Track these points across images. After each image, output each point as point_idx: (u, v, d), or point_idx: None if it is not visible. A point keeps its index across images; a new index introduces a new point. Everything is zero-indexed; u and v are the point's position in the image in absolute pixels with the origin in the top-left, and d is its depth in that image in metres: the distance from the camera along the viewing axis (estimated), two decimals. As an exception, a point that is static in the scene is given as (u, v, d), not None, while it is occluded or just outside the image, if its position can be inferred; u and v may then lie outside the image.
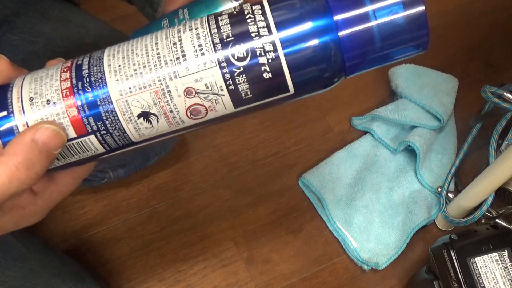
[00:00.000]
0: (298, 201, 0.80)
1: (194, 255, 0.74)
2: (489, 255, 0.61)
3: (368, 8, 0.27)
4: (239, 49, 0.27)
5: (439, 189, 0.80)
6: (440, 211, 0.78)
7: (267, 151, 0.84)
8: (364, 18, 0.27)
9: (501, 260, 0.61)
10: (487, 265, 0.61)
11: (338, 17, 0.27)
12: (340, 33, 0.27)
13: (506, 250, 0.61)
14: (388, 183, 0.81)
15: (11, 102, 0.29)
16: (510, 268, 0.61)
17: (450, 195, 0.78)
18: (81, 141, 0.29)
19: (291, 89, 0.29)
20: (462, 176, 0.83)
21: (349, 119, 0.88)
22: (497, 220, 0.75)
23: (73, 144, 0.29)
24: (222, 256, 0.75)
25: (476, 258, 0.61)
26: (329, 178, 0.80)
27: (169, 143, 0.76)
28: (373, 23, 0.27)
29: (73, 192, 0.81)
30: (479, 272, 0.60)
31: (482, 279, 0.60)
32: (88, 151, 0.30)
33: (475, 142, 0.84)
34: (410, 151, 0.84)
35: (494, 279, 0.60)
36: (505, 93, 0.67)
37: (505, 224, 0.75)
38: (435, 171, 0.82)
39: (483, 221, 0.76)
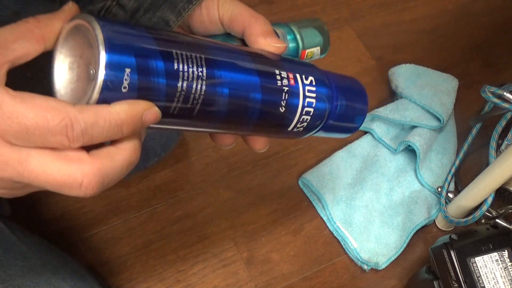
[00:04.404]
0: (298, 201, 0.80)
1: (194, 255, 0.74)
2: (489, 255, 0.61)
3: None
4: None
5: (439, 189, 0.80)
6: (440, 211, 0.78)
7: (267, 151, 0.84)
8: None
9: (501, 260, 0.61)
10: (487, 265, 0.61)
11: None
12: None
13: (506, 250, 0.61)
14: (388, 183, 0.81)
15: None
16: (510, 268, 0.61)
17: (450, 195, 0.78)
18: None
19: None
20: (462, 176, 0.83)
21: (349, 119, 0.88)
22: (497, 220, 0.75)
23: None
24: (222, 256, 0.75)
25: (476, 258, 0.61)
26: (329, 178, 0.80)
27: (169, 143, 0.76)
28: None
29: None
30: (479, 272, 0.60)
31: (482, 279, 0.60)
32: None
33: (475, 142, 0.84)
34: (410, 151, 0.84)
35: (494, 279, 0.60)
36: (505, 93, 0.67)
37: (505, 224, 0.75)
38: (435, 171, 0.82)
39: (483, 221, 0.76)
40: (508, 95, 0.67)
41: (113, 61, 0.26)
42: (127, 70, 0.27)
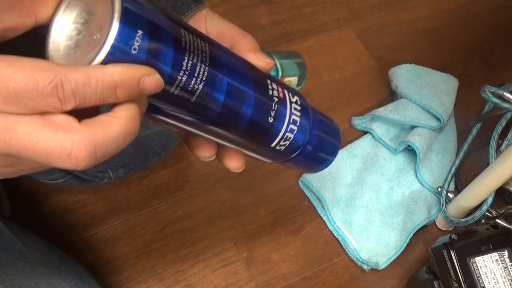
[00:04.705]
0: (298, 201, 0.80)
1: (194, 255, 0.74)
2: (489, 255, 0.61)
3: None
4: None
5: (439, 189, 0.80)
6: (440, 211, 0.78)
7: (267, 151, 0.84)
8: None
9: (501, 260, 0.61)
10: (487, 265, 0.61)
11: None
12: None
13: (506, 250, 0.61)
14: (388, 183, 0.81)
15: None
16: (510, 268, 0.61)
17: (450, 195, 0.78)
18: None
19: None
20: (462, 176, 0.83)
21: (349, 119, 0.88)
22: (497, 220, 0.75)
23: None
24: (222, 256, 0.75)
25: (476, 258, 0.61)
26: (329, 178, 0.80)
27: (169, 143, 0.75)
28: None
29: (73, 192, 0.81)
30: (479, 272, 0.60)
31: (482, 279, 0.60)
32: None
33: (475, 142, 0.84)
34: (410, 151, 0.84)
35: (494, 279, 0.60)
36: (505, 93, 0.67)
37: (505, 224, 0.75)
38: (435, 171, 0.82)
39: (483, 221, 0.76)
40: (508, 95, 0.67)
41: (128, 19, 0.26)
42: (139, 32, 0.26)
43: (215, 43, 0.33)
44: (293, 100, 0.37)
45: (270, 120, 0.34)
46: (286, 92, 0.36)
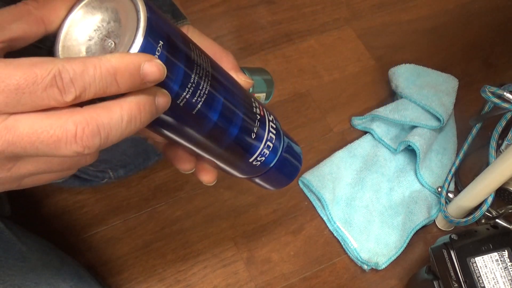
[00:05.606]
0: (298, 201, 0.80)
1: (194, 255, 0.74)
2: (489, 255, 0.61)
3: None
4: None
5: (439, 189, 0.80)
6: (440, 211, 0.78)
7: (267, 151, 0.84)
8: None
9: (501, 260, 0.61)
10: (487, 265, 0.61)
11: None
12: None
13: (506, 250, 0.61)
14: (388, 183, 0.81)
15: None
16: (510, 268, 0.61)
17: (450, 195, 0.78)
18: None
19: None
20: (462, 176, 0.83)
21: (349, 119, 0.88)
22: (497, 220, 0.75)
23: None
24: (222, 256, 0.75)
25: (476, 258, 0.61)
26: (329, 178, 0.80)
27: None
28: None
29: (73, 192, 0.81)
30: (479, 272, 0.60)
31: (482, 279, 0.60)
32: None
33: (475, 142, 0.84)
34: (410, 151, 0.84)
35: (494, 279, 0.60)
36: (505, 93, 0.67)
37: (505, 224, 0.75)
38: (435, 171, 0.82)
39: (483, 221, 0.76)
40: (508, 95, 0.67)
41: (152, 32, 0.27)
42: (160, 44, 0.27)
43: (213, 61, 0.34)
44: (270, 118, 0.39)
45: (253, 136, 0.37)
46: (265, 110, 0.39)
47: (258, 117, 0.37)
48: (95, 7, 0.29)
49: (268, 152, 0.39)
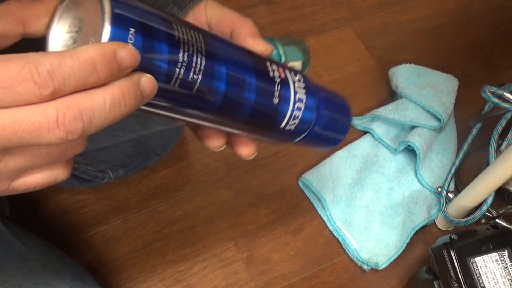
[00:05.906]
0: (298, 201, 0.80)
1: (194, 255, 0.74)
2: (489, 255, 0.61)
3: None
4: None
5: (439, 189, 0.80)
6: (440, 211, 0.78)
7: (267, 151, 0.84)
8: None
9: (501, 260, 0.61)
10: (487, 265, 0.61)
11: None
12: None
13: (506, 250, 0.61)
14: (388, 183, 0.81)
15: None
16: (510, 268, 0.61)
17: (450, 195, 0.78)
18: None
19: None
20: (462, 176, 0.83)
21: (349, 119, 0.88)
22: (497, 220, 0.75)
23: None
24: (222, 256, 0.75)
25: (476, 258, 0.61)
26: (329, 178, 0.80)
27: (169, 143, 0.76)
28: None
29: (73, 192, 0.81)
30: (479, 272, 0.60)
31: (482, 279, 0.60)
32: None
33: (475, 142, 0.84)
34: (410, 151, 0.84)
35: (494, 279, 0.60)
36: (505, 93, 0.67)
37: (505, 224, 0.75)
38: (435, 171, 0.82)
39: (483, 221, 0.76)
40: (508, 95, 0.67)
41: (118, 20, 0.26)
42: (132, 30, 0.27)
43: (209, 33, 0.33)
44: (296, 78, 0.37)
45: (275, 101, 0.35)
46: (287, 72, 0.37)
47: (278, 80, 0.35)
48: (72, 8, 0.29)
49: (300, 114, 0.37)
